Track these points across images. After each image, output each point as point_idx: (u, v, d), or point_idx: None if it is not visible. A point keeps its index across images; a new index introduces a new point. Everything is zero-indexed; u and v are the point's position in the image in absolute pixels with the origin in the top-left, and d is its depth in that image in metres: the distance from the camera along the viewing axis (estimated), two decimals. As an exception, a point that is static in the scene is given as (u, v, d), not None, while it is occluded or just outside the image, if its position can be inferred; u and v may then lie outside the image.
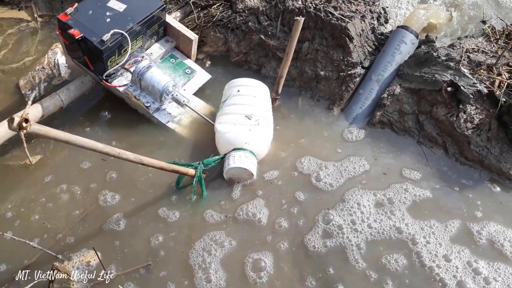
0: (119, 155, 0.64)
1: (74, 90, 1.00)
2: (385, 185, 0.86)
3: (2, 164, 0.93)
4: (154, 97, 0.96)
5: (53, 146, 0.96)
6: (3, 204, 0.86)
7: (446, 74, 0.88)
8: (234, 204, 0.85)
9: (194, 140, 0.96)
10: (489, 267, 0.74)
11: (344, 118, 0.97)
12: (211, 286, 0.73)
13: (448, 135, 0.89)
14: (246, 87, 0.93)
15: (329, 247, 0.78)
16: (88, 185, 0.88)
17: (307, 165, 0.90)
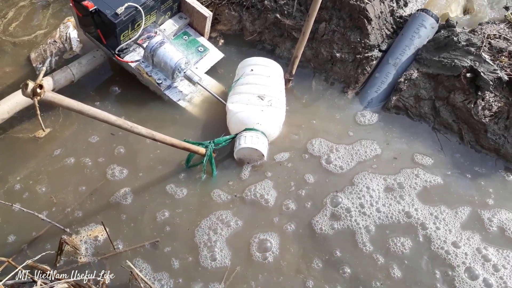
0: (131, 129, 0.64)
1: (85, 65, 1.00)
2: (396, 170, 0.85)
3: (12, 136, 0.94)
4: (166, 74, 0.96)
5: (62, 120, 0.97)
6: (12, 176, 0.87)
7: (466, 59, 0.87)
8: (243, 184, 0.85)
9: (205, 119, 0.96)
10: (499, 254, 0.73)
11: (358, 102, 0.96)
12: (215, 265, 0.74)
13: (464, 122, 0.88)
14: (260, 67, 0.92)
15: (337, 229, 0.78)
16: (96, 159, 0.89)
17: (317, 147, 0.89)
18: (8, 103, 0.88)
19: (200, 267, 0.74)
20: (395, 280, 0.72)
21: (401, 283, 0.71)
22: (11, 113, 0.89)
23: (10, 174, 0.88)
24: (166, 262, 0.75)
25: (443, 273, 0.72)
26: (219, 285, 0.72)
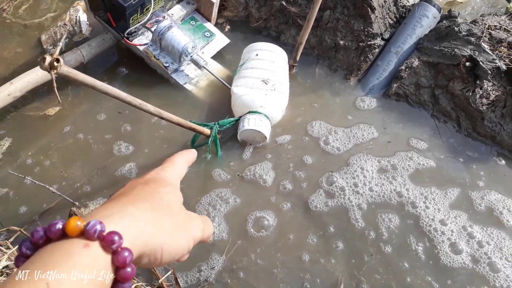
0: (140, 106, 0.70)
1: (95, 47, 1.07)
2: (390, 153, 0.90)
3: (23, 114, 1.01)
4: (173, 57, 1.02)
5: (71, 99, 1.03)
6: (24, 152, 0.94)
7: (466, 49, 0.92)
8: (243, 165, 0.90)
9: (210, 102, 1.02)
10: (483, 232, 0.78)
11: (360, 89, 1.01)
12: (213, 237, 0.80)
13: (462, 110, 0.93)
14: (265, 52, 0.97)
15: (331, 206, 0.83)
16: (104, 136, 0.95)
17: (317, 129, 0.95)
18: (20, 81, 0.95)
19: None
20: (385, 254, 0.77)
21: (391, 257, 0.77)
22: (23, 92, 0.95)
23: (22, 150, 0.94)
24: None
25: (430, 248, 0.77)
26: (219, 257, 0.78)
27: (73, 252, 0.26)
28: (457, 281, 0.74)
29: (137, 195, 0.34)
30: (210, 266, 0.77)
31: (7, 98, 0.93)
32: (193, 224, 0.38)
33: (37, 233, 0.28)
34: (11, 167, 0.90)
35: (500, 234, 0.78)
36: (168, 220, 0.34)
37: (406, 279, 0.75)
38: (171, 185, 0.39)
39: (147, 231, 0.31)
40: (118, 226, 0.29)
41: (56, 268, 0.25)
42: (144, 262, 0.32)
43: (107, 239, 0.27)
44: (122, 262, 0.28)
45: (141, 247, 0.31)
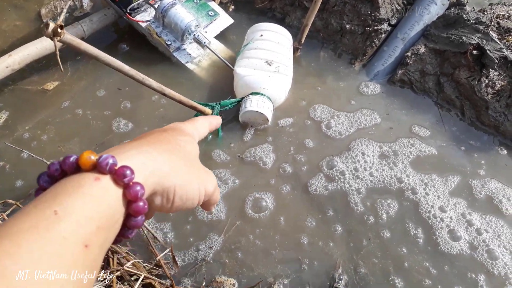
0: (143, 81, 0.70)
1: (96, 22, 1.05)
2: (392, 139, 0.90)
3: (21, 88, 1.00)
4: (175, 35, 1.01)
5: (70, 74, 1.02)
6: (21, 125, 0.93)
7: (474, 37, 0.91)
8: (243, 146, 0.89)
9: (212, 82, 1.01)
10: (482, 220, 0.79)
11: (365, 74, 1.01)
12: (211, 217, 0.80)
13: (467, 98, 0.93)
14: (269, 32, 0.96)
15: (330, 190, 0.83)
16: (103, 112, 0.94)
17: (320, 113, 0.94)
18: (19, 54, 0.93)
19: (197, 220, 0.80)
20: (384, 239, 0.77)
21: (389, 242, 0.77)
22: (22, 65, 0.94)
23: (19, 123, 0.93)
24: (167, 214, 0.81)
25: (428, 234, 0.78)
26: (218, 237, 0.78)
27: (84, 184, 0.26)
28: (455, 267, 0.75)
29: (155, 138, 0.35)
30: (208, 245, 0.77)
31: (5, 70, 0.92)
32: (208, 176, 0.38)
33: (53, 166, 0.28)
34: (8, 141, 0.90)
35: (498, 222, 0.79)
36: (184, 165, 0.34)
37: (404, 264, 0.75)
38: (189, 135, 0.39)
39: (161, 170, 0.31)
40: (132, 161, 0.29)
41: (65, 199, 0.25)
42: (157, 203, 0.32)
43: (119, 173, 0.27)
44: (133, 195, 0.28)
45: (154, 185, 0.31)
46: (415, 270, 0.75)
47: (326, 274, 0.74)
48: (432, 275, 0.74)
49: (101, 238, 0.26)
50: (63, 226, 0.24)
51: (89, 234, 0.25)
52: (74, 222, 0.24)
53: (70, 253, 0.24)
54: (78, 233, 0.24)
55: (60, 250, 0.23)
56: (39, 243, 0.22)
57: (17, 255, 0.21)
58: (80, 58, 1.05)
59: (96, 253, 0.26)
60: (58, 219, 0.24)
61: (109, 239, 0.28)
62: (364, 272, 0.74)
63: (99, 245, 0.26)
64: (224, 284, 0.73)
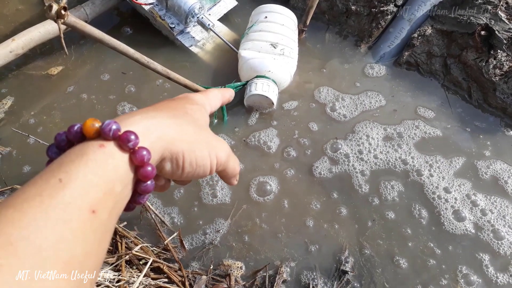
0: (148, 64, 0.70)
1: (99, 5, 1.05)
2: (397, 121, 0.90)
3: (25, 73, 1.00)
4: (179, 18, 1.01)
5: (74, 58, 1.02)
6: (26, 111, 0.93)
7: (482, 17, 0.91)
8: (248, 130, 0.90)
9: (216, 66, 1.01)
10: (487, 200, 0.79)
11: (371, 56, 1.00)
12: (216, 201, 0.81)
13: (474, 80, 0.93)
14: (274, 14, 0.95)
15: (335, 173, 0.84)
16: (107, 96, 0.95)
17: (324, 95, 0.94)
18: (22, 38, 0.94)
19: (204, 204, 0.81)
20: (388, 220, 0.78)
21: (394, 223, 0.78)
22: (25, 49, 0.94)
23: (25, 109, 0.94)
24: (174, 198, 0.81)
25: (433, 215, 0.78)
26: (224, 220, 0.79)
27: (88, 151, 0.26)
28: (459, 247, 0.76)
29: (162, 105, 0.34)
30: (215, 229, 0.78)
31: (9, 55, 0.92)
32: (218, 143, 0.37)
33: (59, 136, 0.28)
34: (14, 126, 0.91)
35: (503, 203, 0.79)
36: (192, 130, 0.34)
37: (408, 244, 0.76)
38: (198, 104, 0.38)
39: (168, 135, 0.31)
40: (136, 127, 0.29)
41: (69, 166, 0.25)
42: (167, 169, 0.32)
43: (123, 138, 0.27)
44: (140, 160, 0.28)
45: (161, 150, 0.31)
46: (420, 250, 0.76)
47: (332, 256, 0.76)
48: (437, 255, 0.75)
49: (109, 203, 0.26)
50: (67, 192, 0.24)
51: (95, 199, 0.25)
52: (78, 188, 0.24)
53: (76, 219, 0.23)
54: (83, 199, 0.24)
55: (65, 216, 0.23)
56: (44, 210, 0.23)
57: (21, 222, 0.22)
58: (83, 42, 1.05)
59: (105, 218, 0.26)
60: (62, 186, 0.24)
61: (119, 205, 0.28)
62: (369, 254, 0.76)
63: (108, 211, 0.26)
64: (231, 267, 0.75)
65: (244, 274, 0.74)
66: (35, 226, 0.22)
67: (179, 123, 0.33)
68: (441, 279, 0.73)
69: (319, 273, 0.74)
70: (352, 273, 0.73)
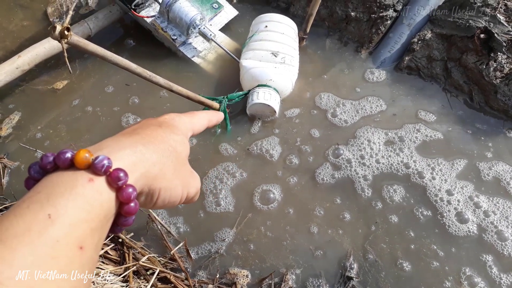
0: (150, 78, 0.72)
1: (102, 19, 1.08)
2: (398, 125, 0.92)
3: (31, 88, 1.03)
4: (181, 29, 1.03)
5: (79, 72, 1.05)
6: (33, 125, 0.96)
7: (481, 20, 0.92)
8: (251, 139, 0.92)
9: (218, 76, 1.03)
10: (489, 201, 0.80)
11: (371, 62, 1.02)
12: (220, 209, 0.82)
13: (475, 83, 0.94)
14: (274, 23, 0.97)
15: (337, 179, 0.85)
16: (112, 108, 0.97)
17: (325, 101, 0.96)
18: (28, 54, 0.96)
19: (209, 213, 0.82)
20: (392, 224, 0.79)
21: (397, 226, 0.79)
22: (31, 65, 0.97)
23: (32, 123, 0.96)
24: (179, 207, 0.83)
25: (435, 217, 0.80)
26: (230, 229, 0.81)
27: (77, 184, 0.27)
28: (463, 249, 0.76)
29: (149, 136, 0.35)
30: (221, 238, 0.80)
31: (15, 71, 0.95)
32: (193, 182, 0.39)
33: (46, 158, 0.28)
34: (21, 141, 0.93)
35: (505, 204, 0.80)
36: (173, 168, 0.35)
37: (411, 247, 0.77)
38: (182, 134, 0.40)
39: (151, 173, 0.32)
40: (126, 162, 0.30)
41: (58, 200, 0.25)
42: (141, 201, 0.34)
43: (113, 175, 0.28)
44: (126, 198, 0.29)
45: (142, 186, 0.32)
46: (423, 253, 0.77)
47: (337, 262, 0.77)
48: (440, 258, 0.76)
49: (95, 238, 0.27)
50: (56, 230, 0.24)
51: (83, 236, 0.25)
52: (67, 225, 0.24)
53: (65, 255, 0.24)
54: (72, 236, 0.25)
55: (54, 253, 0.23)
56: (32, 247, 0.23)
57: (11, 259, 0.22)
58: (87, 56, 1.08)
59: (91, 252, 0.26)
60: (51, 223, 0.24)
61: (102, 238, 0.28)
62: (373, 258, 0.77)
63: (94, 246, 0.27)
64: (237, 276, 0.76)
65: (250, 282, 0.76)
66: (24, 264, 0.22)
67: (163, 162, 0.34)
68: (445, 281, 0.74)
69: (324, 279, 0.75)
70: (357, 279, 0.75)
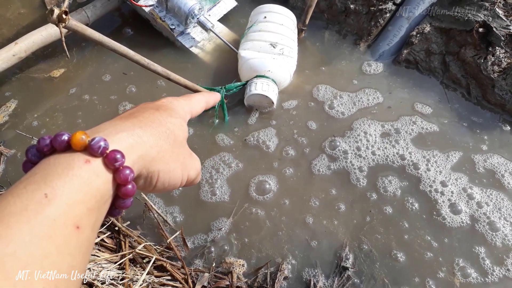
0: (148, 65, 0.72)
1: (100, 8, 1.07)
2: (394, 117, 0.92)
3: (28, 76, 1.03)
4: (179, 19, 1.03)
5: (76, 60, 1.04)
6: (30, 113, 0.95)
7: (480, 14, 0.92)
8: (247, 130, 0.92)
9: (216, 66, 1.03)
10: (483, 193, 0.81)
11: (370, 54, 1.02)
12: (215, 199, 0.83)
13: (473, 77, 0.94)
14: (273, 14, 0.97)
15: (333, 170, 0.86)
16: (109, 97, 0.97)
17: (322, 93, 0.96)
18: (25, 42, 0.96)
19: (205, 203, 0.82)
20: (386, 215, 0.80)
21: (391, 217, 0.80)
22: (28, 52, 0.97)
23: (28, 111, 0.96)
24: (174, 197, 0.83)
25: (429, 208, 0.80)
26: (226, 219, 0.81)
27: (74, 165, 0.27)
28: (456, 240, 0.77)
29: (147, 119, 0.35)
30: (217, 227, 0.80)
31: (12, 58, 0.94)
32: (192, 164, 0.40)
33: (43, 140, 0.29)
34: (17, 129, 0.93)
35: (499, 195, 0.81)
36: (171, 151, 0.35)
37: (405, 238, 0.78)
38: (180, 117, 0.40)
39: (149, 155, 0.33)
40: (122, 144, 0.30)
41: (55, 181, 0.25)
42: (139, 184, 0.34)
43: (110, 157, 0.28)
44: (124, 179, 0.29)
45: (140, 169, 0.32)
46: (417, 244, 0.78)
47: (333, 253, 0.77)
48: (434, 248, 0.77)
49: (92, 219, 0.27)
50: (53, 209, 0.24)
51: (80, 215, 0.26)
52: (63, 204, 0.25)
53: (61, 235, 0.24)
54: (68, 215, 0.25)
55: (51, 232, 0.23)
56: (29, 225, 0.23)
57: (7, 237, 0.22)
58: (85, 45, 1.08)
59: (88, 233, 0.26)
60: (48, 202, 0.24)
61: (99, 219, 0.28)
62: (368, 249, 0.77)
63: (91, 226, 0.27)
64: (233, 265, 0.77)
65: (246, 271, 0.76)
66: (22, 242, 0.22)
67: (161, 144, 0.34)
68: (438, 271, 0.75)
69: (320, 269, 0.76)
70: (352, 269, 0.75)
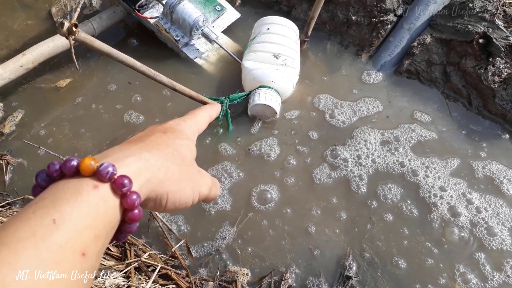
0: (154, 76, 0.73)
1: (106, 19, 1.09)
2: (394, 126, 0.93)
3: (35, 86, 1.03)
4: (184, 31, 1.04)
5: (82, 70, 1.05)
6: (37, 123, 0.96)
7: (480, 25, 0.93)
8: (250, 139, 0.93)
9: (220, 77, 1.04)
10: (481, 199, 0.82)
11: (371, 65, 1.03)
12: (217, 208, 0.83)
13: (473, 87, 0.95)
14: (276, 26, 0.98)
15: (334, 178, 0.86)
16: (114, 106, 0.98)
17: (324, 103, 0.97)
18: (32, 53, 0.97)
19: (209, 212, 0.83)
20: (387, 222, 0.80)
21: (392, 225, 0.80)
22: (35, 63, 0.98)
23: (35, 121, 0.97)
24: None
25: (429, 213, 0.81)
26: (230, 228, 0.81)
27: (83, 191, 0.27)
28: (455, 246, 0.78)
29: (154, 142, 0.36)
30: (221, 236, 0.80)
31: (19, 69, 0.95)
32: (202, 180, 0.40)
33: (53, 166, 0.29)
34: (25, 138, 0.94)
35: (498, 202, 0.81)
36: (179, 171, 0.36)
37: (406, 245, 0.78)
38: (188, 138, 0.41)
39: (157, 178, 0.33)
40: (130, 168, 0.31)
41: (63, 206, 0.26)
42: (150, 206, 0.35)
43: (118, 182, 0.29)
44: (130, 204, 0.29)
45: (148, 192, 0.32)
46: (418, 250, 0.78)
47: (336, 261, 0.78)
48: (434, 255, 0.77)
49: (98, 245, 0.27)
50: (60, 235, 0.24)
51: (86, 242, 0.26)
52: (71, 230, 0.25)
53: (67, 261, 0.24)
54: (75, 242, 0.25)
55: (57, 258, 0.24)
56: (37, 251, 0.23)
57: (15, 263, 0.22)
58: (90, 55, 1.09)
59: (94, 260, 0.27)
60: (56, 228, 0.24)
61: (105, 245, 0.28)
62: (370, 257, 0.78)
63: (96, 252, 0.27)
64: (237, 274, 0.77)
65: (250, 280, 0.76)
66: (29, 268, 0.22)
67: (168, 165, 0.35)
68: (439, 278, 0.75)
69: (323, 278, 0.76)
70: (356, 279, 0.75)
